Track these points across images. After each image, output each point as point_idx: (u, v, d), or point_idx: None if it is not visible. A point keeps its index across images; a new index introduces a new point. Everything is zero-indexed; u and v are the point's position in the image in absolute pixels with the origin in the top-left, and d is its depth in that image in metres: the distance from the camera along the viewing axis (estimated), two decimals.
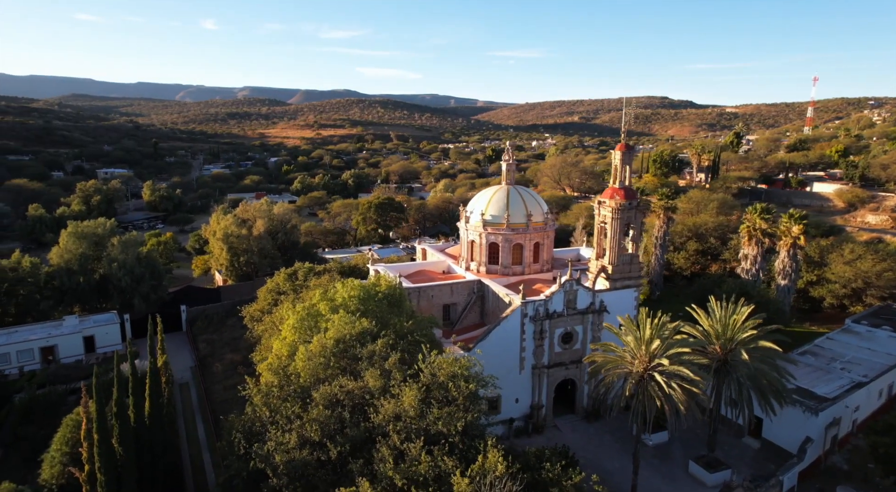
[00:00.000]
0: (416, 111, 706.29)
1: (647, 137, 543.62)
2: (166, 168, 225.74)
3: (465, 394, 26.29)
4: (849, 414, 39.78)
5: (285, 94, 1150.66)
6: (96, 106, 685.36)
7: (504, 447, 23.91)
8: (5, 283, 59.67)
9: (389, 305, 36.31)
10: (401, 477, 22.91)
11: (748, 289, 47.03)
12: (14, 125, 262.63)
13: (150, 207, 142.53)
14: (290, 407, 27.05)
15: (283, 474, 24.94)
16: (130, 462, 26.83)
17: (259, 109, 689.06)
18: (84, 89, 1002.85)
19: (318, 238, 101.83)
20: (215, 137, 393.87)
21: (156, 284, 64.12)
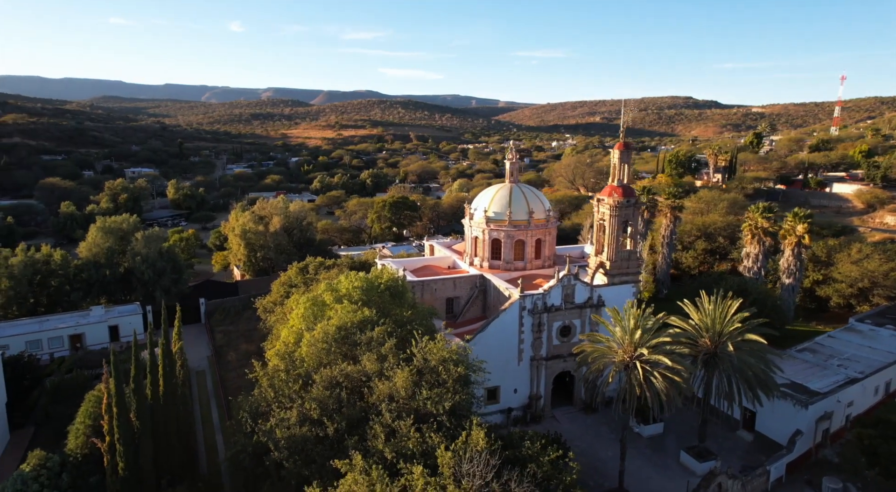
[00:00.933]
0: (437, 112, 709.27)
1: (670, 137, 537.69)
2: (191, 168, 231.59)
3: (455, 377, 27.93)
4: (841, 409, 40.37)
5: (308, 94, 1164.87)
6: (126, 107, 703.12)
7: (487, 426, 25.43)
8: (38, 275, 63.16)
9: (391, 296, 38.10)
10: (391, 451, 24.67)
11: (746, 286, 47.75)
12: (49, 126, 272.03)
13: (174, 205, 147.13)
14: (292, 387, 29.02)
15: (284, 449, 26.90)
16: (146, 435, 29.12)
17: (282, 110, 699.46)
18: (114, 91, 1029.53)
19: (334, 236, 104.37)
20: (239, 137, 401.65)
21: (176, 277, 67.04)
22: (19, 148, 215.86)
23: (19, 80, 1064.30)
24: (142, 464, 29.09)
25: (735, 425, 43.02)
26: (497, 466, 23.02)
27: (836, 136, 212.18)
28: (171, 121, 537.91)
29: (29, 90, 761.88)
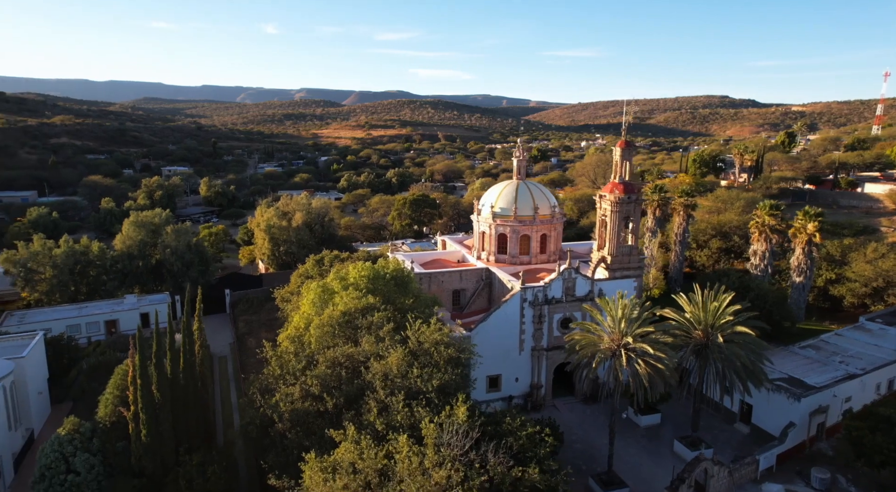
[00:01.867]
0: (467, 112, 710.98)
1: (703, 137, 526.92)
2: (224, 166, 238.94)
3: (445, 358, 29.94)
4: (838, 404, 40.79)
5: (340, 95, 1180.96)
6: (165, 108, 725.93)
7: (471, 403, 27.28)
8: (78, 265, 67.68)
9: (396, 286, 40.31)
10: (382, 424, 26.82)
11: (748, 282, 48.30)
12: (93, 127, 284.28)
13: (206, 202, 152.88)
14: (297, 366, 31.47)
15: (287, 421, 29.36)
16: (166, 406, 31.95)
17: (314, 111, 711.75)
18: (155, 93, 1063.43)
19: (356, 232, 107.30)
20: (271, 137, 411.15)
21: (203, 269, 70.81)
22: (66, 148, 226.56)
23: (68, 83, 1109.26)
24: (162, 432, 31.94)
25: (733, 418, 43.87)
26: (477, 438, 24.93)
27: (877, 134, 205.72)
28: (206, 121, 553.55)
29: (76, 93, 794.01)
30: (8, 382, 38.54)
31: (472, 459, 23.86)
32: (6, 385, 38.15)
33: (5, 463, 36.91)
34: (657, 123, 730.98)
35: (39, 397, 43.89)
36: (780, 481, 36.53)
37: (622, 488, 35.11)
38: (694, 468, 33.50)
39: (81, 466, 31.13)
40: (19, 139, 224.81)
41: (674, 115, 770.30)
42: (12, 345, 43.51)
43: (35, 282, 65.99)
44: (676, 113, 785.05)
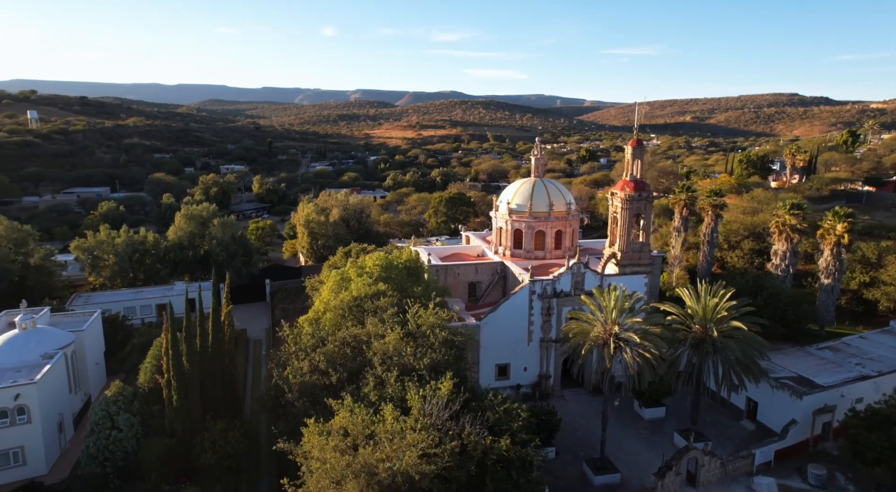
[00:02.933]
0: (518, 112, 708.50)
1: (767, 137, 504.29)
2: (278, 165, 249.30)
3: (440, 340, 32.38)
4: (846, 404, 40.38)
5: (394, 96, 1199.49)
6: (227, 110, 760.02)
7: (457, 380, 29.50)
8: (136, 253, 74.15)
9: (408, 275, 43.04)
10: (375, 396, 29.56)
11: (762, 281, 48.17)
12: (161, 128, 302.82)
13: (258, 199, 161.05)
14: (308, 343, 34.69)
15: (296, 392, 32.60)
16: (194, 375, 35.91)
17: (367, 111, 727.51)
18: (219, 95, 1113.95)
19: (394, 229, 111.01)
20: (325, 137, 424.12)
21: (247, 260, 75.93)
22: (136, 147, 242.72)
23: (141, 87, 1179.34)
24: (190, 399, 35.93)
25: (740, 415, 44.18)
26: (458, 410, 27.27)
27: None
28: (265, 122, 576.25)
29: (149, 96, 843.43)
30: (70, 351, 43.81)
31: (450, 427, 26.20)
32: (68, 353, 43.39)
33: (66, 420, 42.10)
34: (717, 123, 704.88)
35: (96, 367, 49.28)
36: (777, 476, 36.91)
37: (614, 473, 36.48)
38: (682, 457, 34.55)
39: (123, 423, 35.52)
40: (97, 140, 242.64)
41: (735, 115, 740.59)
42: (75, 320, 49.08)
43: (100, 268, 72.80)
44: (739, 112, 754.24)
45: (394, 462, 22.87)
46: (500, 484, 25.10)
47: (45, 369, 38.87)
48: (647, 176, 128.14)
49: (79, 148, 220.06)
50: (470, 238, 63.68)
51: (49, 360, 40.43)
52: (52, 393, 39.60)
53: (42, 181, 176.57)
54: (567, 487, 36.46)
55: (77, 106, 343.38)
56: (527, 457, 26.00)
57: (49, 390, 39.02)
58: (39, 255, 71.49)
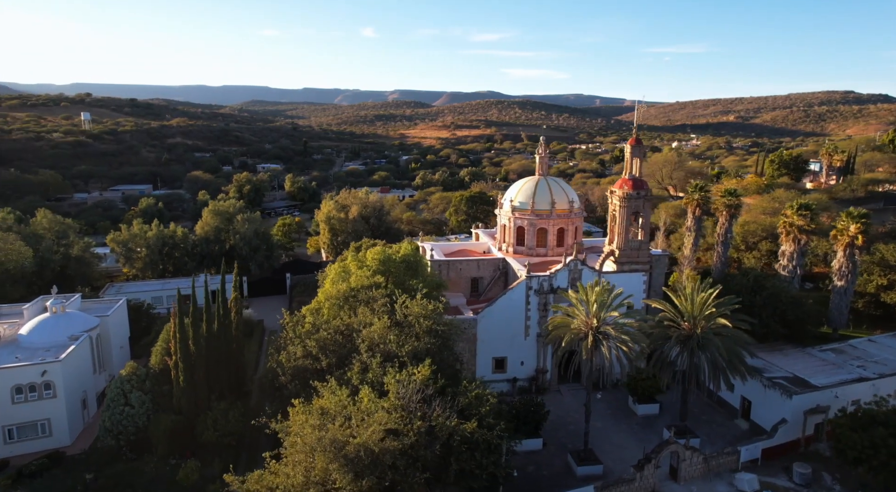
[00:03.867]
0: (555, 112, 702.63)
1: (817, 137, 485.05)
2: (312, 164, 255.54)
3: (425, 328, 33.94)
4: (841, 405, 39.97)
5: (431, 96, 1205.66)
6: (268, 110, 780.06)
7: (435, 367, 30.89)
8: (166, 246, 78.41)
9: (407, 269, 44.71)
10: (357, 379, 31.33)
11: (763, 281, 47.83)
12: (202, 128, 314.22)
13: (289, 197, 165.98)
14: (302, 330, 36.79)
15: (288, 374, 34.72)
16: (200, 357, 38.52)
17: (404, 111, 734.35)
18: (261, 96, 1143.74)
19: (417, 227, 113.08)
20: (360, 137, 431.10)
21: (268, 254, 79.28)
22: (178, 147, 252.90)
23: (188, 89, 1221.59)
24: (196, 379, 38.56)
25: (735, 414, 44.18)
26: (431, 395, 28.75)
27: None
28: (304, 122, 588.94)
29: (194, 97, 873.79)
30: (94, 334, 47.34)
31: (420, 409, 27.70)
32: (93, 336, 46.91)
33: (90, 397, 45.57)
34: (762, 123, 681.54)
35: (121, 350, 52.83)
36: (763, 474, 37.02)
37: (596, 464, 37.28)
38: (662, 450, 35.11)
39: (135, 401, 38.44)
40: (143, 140, 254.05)
41: (783, 114, 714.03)
42: (101, 306, 52.77)
43: (133, 259, 77.36)
44: (787, 111, 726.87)
45: (358, 438, 24.55)
46: (465, 464, 26.43)
47: (70, 349, 42.29)
48: (674, 176, 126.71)
49: (126, 147, 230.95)
50: (479, 235, 64.98)
51: (74, 341, 43.88)
52: (77, 371, 43.01)
53: (91, 179, 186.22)
54: (550, 476, 37.50)
55: (127, 107, 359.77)
56: (492, 440, 27.25)
57: (73, 369, 42.42)
58: (79, 246, 76.46)
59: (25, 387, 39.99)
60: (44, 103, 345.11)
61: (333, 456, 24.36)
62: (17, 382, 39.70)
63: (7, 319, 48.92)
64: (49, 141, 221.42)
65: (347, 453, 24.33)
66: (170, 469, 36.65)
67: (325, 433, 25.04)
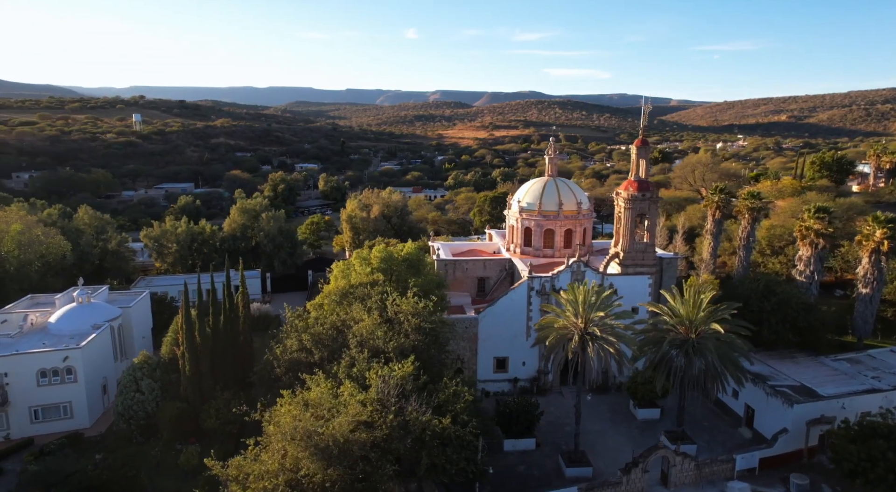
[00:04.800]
0: (596, 112, 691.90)
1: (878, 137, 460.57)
2: (349, 164, 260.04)
3: (413, 326, 34.65)
4: (848, 416, 38.49)
5: (472, 96, 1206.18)
6: (311, 111, 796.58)
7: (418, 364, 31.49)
8: (195, 242, 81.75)
9: (409, 267, 45.54)
10: (344, 374, 32.30)
11: (773, 286, 46.39)
12: (245, 129, 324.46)
13: (323, 196, 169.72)
14: (299, 324, 38.07)
15: (283, 367, 36.03)
16: (205, 348, 40.38)
17: (443, 112, 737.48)
18: (305, 97, 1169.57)
19: (442, 227, 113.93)
20: (398, 137, 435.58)
21: (291, 251, 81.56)
22: (221, 147, 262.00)
23: (236, 90, 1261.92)
24: (201, 369, 40.43)
25: (739, 422, 43.13)
26: (411, 389, 29.45)
27: None
28: (345, 122, 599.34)
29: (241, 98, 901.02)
30: (116, 324, 50.11)
31: (398, 404, 28.42)
32: (114, 326, 49.67)
33: (110, 383, 48.25)
34: (818, 122, 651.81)
35: (143, 340, 55.59)
36: (760, 484, 36.15)
37: (586, 466, 37.15)
38: (650, 455, 34.73)
39: (146, 388, 40.62)
40: (188, 140, 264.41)
41: (841, 113, 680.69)
42: (125, 298, 55.73)
43: (164, 254, 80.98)
44: (845, 110, 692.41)
45: (328, 428, 25.47)
46: (436, 459, 27.00)
47: (90, 337, 44.97)
48: (707, 178, 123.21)
49: (172, 147, 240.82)
50: (492, 236, 65.22)
51: (97, 330, 46.61)
52: (97, 358, 45.66)
53: (139, 177, 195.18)
54: (540, 476, 37.61)
55: (176, 109, 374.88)
56: (465, 436, 27.70)
57: (94, 355, 45.08)
58: (115, 241, 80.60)
59: (49, 371, 42.79)
60: (101, 106, 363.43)
61: (305, 445, 25.34)
62: (42, 366, 42.54)
63: (42, 308, 52.30)
64: (103, 142, 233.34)
65: (318, 442, 25.27)
66: (174, 454, 38.59)
67: (300, 423, 26.04)
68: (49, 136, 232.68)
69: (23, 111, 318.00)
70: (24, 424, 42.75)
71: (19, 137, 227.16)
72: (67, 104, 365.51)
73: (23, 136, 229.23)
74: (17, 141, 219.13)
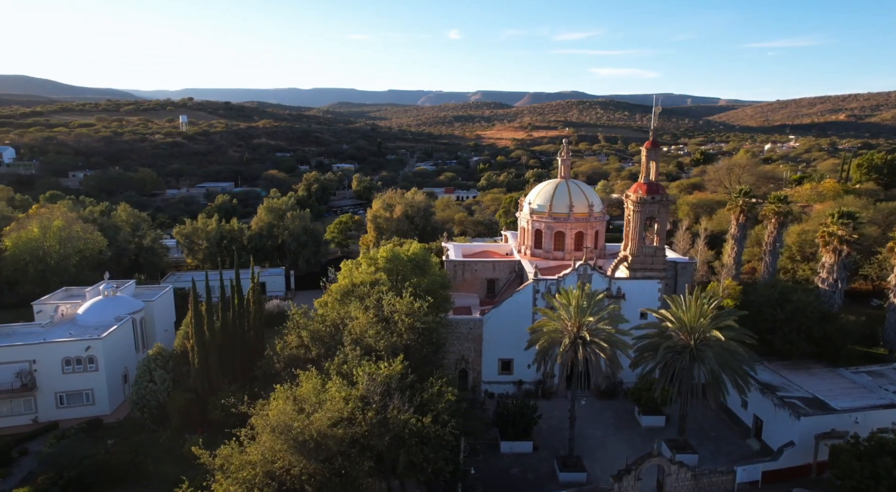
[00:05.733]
0: (639, 112, 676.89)
1: None
2: (385, 164, 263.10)
3: (406, 325, 35.09)
4: (862, 432, 36.68)
5: (513, 97, 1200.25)
6: (353, 112, 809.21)
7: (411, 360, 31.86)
8: (224, 240, 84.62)
9: (414, 267, 45.98)
10: (335, 370, 33.03)
11: (789, 294, 44.57)
12: (286, 129, 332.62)
13: (356, 196, 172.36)
14: (298, 320, 39.09)
15: (282, 362, 37.10)
16: (214, 341, 41.93)
17: (482, 112, 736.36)
18: (348, 98, 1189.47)
19: (468, 228, 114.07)
20: (436, 137, 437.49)
21: (315, 250, 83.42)
22: (262, 147, 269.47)
23: (279, 92, 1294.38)
24: (209, 362, 41.97)
25: (748, 433, 41.76)
26: (395, 387, 29.90)
27: None
28: (386, 123, 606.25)
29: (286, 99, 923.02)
30: (138, 316, 52.53)
31: (383, 401, 28.91)
32: (136, 318, 52.08)
33: (131, 373, 50.47)
34: (880, 122, 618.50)
35: (165, 333, 57.99)
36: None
37: (580, 472, 36.76)
38: (643, 462, 34.06)
39: (158, 378, 42.47)
40: (231, 140, 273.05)
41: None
42: (150, 292, 58.26)
43: (195, 251, 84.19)
44: None
45: (302, 422, 26.19)
46: (413, 457, 27.32)
47: (112, 328, 47.33)
48: (744, 181, 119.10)
49: (215, 147, 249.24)
50: (508, 237, 65.02)
51: (119, 322, 48.99)
52: (118, 349, 47.99)
53: (182, 176, 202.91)
54: (534, 480, 37.44)
55: (221, 110, 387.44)
56: (444, 436, 27.91)
57: (114, 346, 47.41)
58: (150, 238, 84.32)
59: (73, 360, 45.31)
60: (153, 108, 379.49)
61: (284, 438, 26.11)
62: (66, 355, 45.08)
63: (73, 300, 55.32)
64: (151, 142, 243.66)
65: (296, 436, 25.99)
66: (182, 442, 40.14)
67: (282, 416, 26.84)
68: (103, 136, 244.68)
69: (83, 114, 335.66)
70: (50, 408, 45.39)
71: (77, 138, 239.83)
72: (122, 107, 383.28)
73: (80, 137, 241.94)
74: (75, 142, 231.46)
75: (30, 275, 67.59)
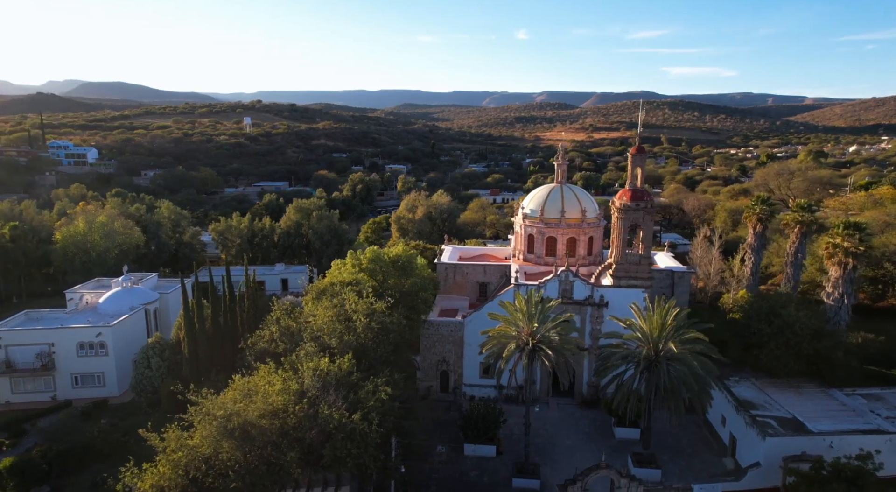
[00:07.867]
0: (710, 112, 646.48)
1: None
2: (438, 165, 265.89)
3: (363, 325, 36.27)
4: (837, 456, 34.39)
5: (580, 97, 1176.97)
6: (417, 113, 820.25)
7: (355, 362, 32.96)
8: (255, 237, 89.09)
9: (397, 269, 47.11)
10: (289, 365, 34.68)
11: (777, 308, 42.05)
12: (344, 130, 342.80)
13: (400, 196, 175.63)
14: (275, 316, 41.11)
15: (253, 354, 39.22)
16: (203, 334, 44.80)
17: (545, 113, 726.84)
18: (413, 99, 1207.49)
19: (500, 230, 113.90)
20: (494, 139, 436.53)
21: (339, 248, 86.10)
22: (319, 148, 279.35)
23: (347, 94, 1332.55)
24: (199, 352, 44.87)
25: (725, 452, 40.00)
26: (335, 384, 31.15)
27: None
28: (448, 124, 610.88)
29: (353, 101, 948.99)
30: (152, 307, 56.67)
31: (321, 396, 30.24)
32: (150, 309, 56.21)
33: None
34: None
35: None
36: None
37: (534, 478, 36.59)
38: (588, 473, 33.52)
39: (154, 365, 45.87)
40: (290, 141, 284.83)
41: None
42: (168, 285, 62.57)
43: (228, 247, 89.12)
44: None
45: (230, 410, 27.89)
46: (338, 451, 28.40)
47: (122, 317, 51.42)
48: (793, 186, 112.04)
49: (275, 148, 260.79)
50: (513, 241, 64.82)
51: (131, 311, 53.13)
52: (128, 336, 52.02)
53: (241, 175, 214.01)
54: (489, 484, 37.64)
55: (287, 112, 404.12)
56: (370, 433, 28.79)
57: (125, 334, 51.46)
58: (189, 234, 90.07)
59: (87, 344, 49.67)
60: (224, 110, 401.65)
61: (217, 426, 27.92)
62: (80, 339, 49.47)
63: (102, 290, 60.33)
64: (216, 143, 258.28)
65: (225, 424, 27.74)
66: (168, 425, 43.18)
67: (216, 406, 28.71)
68: (175, 138, 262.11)
69: (163, 116, 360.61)
70: (67, 388, 49.98)
71: (153, 139, 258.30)
72: (197, 109, 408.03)
73: (155, 138, 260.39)
74: (150, 143, 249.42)
75: (76, 266, 74.16)
